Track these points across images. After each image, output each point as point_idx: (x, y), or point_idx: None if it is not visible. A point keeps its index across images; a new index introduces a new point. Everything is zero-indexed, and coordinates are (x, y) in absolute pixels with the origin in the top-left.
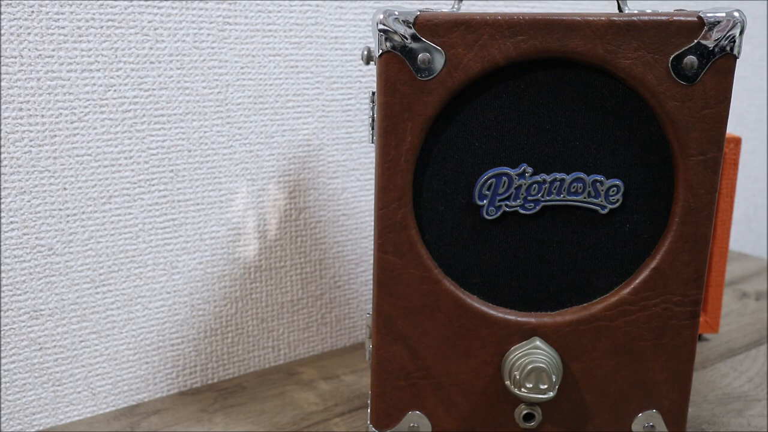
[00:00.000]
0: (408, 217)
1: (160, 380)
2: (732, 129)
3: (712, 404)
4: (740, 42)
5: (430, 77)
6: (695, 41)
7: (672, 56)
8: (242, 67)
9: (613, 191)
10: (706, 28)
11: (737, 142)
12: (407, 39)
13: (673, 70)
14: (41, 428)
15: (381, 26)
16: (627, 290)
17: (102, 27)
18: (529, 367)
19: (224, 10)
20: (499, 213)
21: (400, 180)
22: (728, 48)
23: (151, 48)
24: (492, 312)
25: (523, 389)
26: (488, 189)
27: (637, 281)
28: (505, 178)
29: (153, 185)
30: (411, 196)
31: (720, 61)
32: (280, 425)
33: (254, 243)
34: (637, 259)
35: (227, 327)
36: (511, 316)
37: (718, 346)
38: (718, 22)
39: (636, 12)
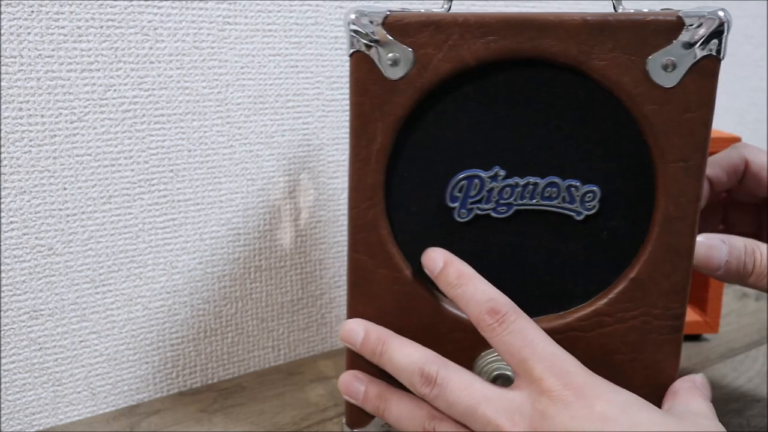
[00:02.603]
0: (379, 217)
1: (159, 380)
2: (732, 129)
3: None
4: (724, 43)
5: (400, 77)
6: (674, 42)
7: (649, 57)
8: (242, 67)
9: (588, 197)
10: (686, 28)
11: (737, 142)
12: (377, 39)
13: (654, 71)
14: (41, 428)
15: (352, 26)
16: (603, 301)
17: (102, 27)
18: (495, 373)
19: (224, 10)
20: (471, 216)
21: (370, 180)
22: (710, 49)
23: (151, 48)
24: (464, 316)
25: None
26: (460, 191)
27: (615, 292)
28: (476, 181)
29: (153, 185)
30: (383, 195)
31: (701, 63)
32: (280, 425)
33: (254, 243)
34: (615, 268)
35: (227, 327)
36: None
37: (718, 346)
38: (700, 22)
39: (612, 12)
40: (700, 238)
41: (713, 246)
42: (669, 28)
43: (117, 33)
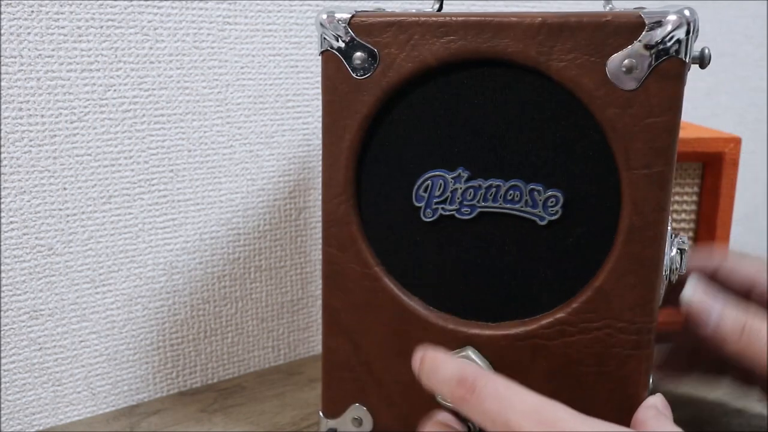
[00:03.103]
0: (350, 212)
1: (159, 380)
2: (732, 129)
3: (712, 405)
4: (689, 44)
5: (366, 76)
6: (635, 43)
7: (609, 59)
8: (242, 67)
9: (551, 202)
10: (646, 28)
11: (737, 142)
12: (344, 38)
13: (615, 73)
14: (41, 428)
15: (320, 26)
16: (567, 310)
17: (102, 27)
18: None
19: (224, 10)
20: (436, 216)
21: (341, 176)
22: (673, 51)
23: (151, 48)
24: (430, 316)
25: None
26: (425, 191)
27: (579, 301)
28: (441, 181)
29: (153, 185)
30: (353, 192)
31: (664, 66)
32: (280, 425)
33: (254, 243)
34: (581, 276)
35: (227, 327)
36: (448, 322)
37: None
38: (661, 22)
39: (574, 12)
40: (691, 291)
41: (703, 308)
42: (629, 28)
43: (117, 33)
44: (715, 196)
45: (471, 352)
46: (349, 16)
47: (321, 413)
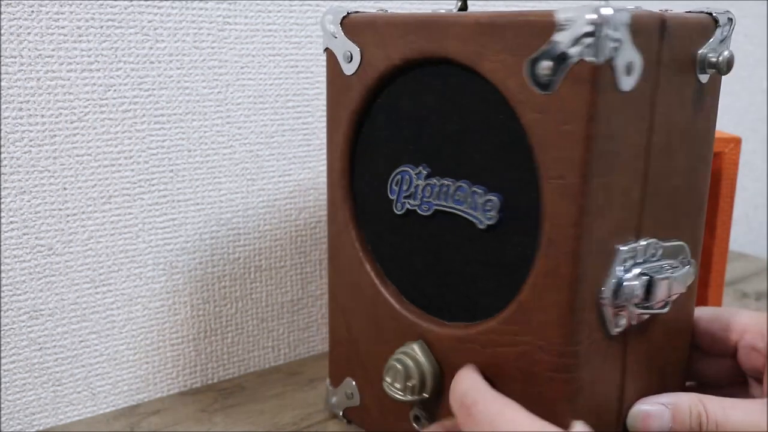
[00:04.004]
0: (345, 198)
1: (160, 380)
2: (732, 129)
3: None
4: (602, 46)
5: (353, 73)
6: (549, 43)
7: (528, 60)
8: (242, 67)
9: (489, 206)
10: (557, 28)
11: (737, 142)
12: (337, 37)
13: (531, 75)
14: (41, 428)
15: (323, 24)
16: (498, 319)
17: (102, 27)
18: (390, 363)
19: (224, 10)
20: (404, 210)
21: (338, 164)
22: (584, 53)
23: (150, 48)
24: (398, 306)
25: (385, 383)
26: (396, 185)
27: (507, 312)
28: (407, 176)
29: (153, 185)
30: (347, 180)
31: (575, 69)
32: (280, 425)
33: (254, 243)
34: (514, 286)
35: (227, 327)
36: (411, 314)
37: None
38: (571, 23)
39: (504, 11)
40: (639, 405)
41: (651, 414)
42: (543, 28)
43: (117, 33)
44: (715, 196)
45: (416, 346)
46: (342, 15)
47: (328, 379)
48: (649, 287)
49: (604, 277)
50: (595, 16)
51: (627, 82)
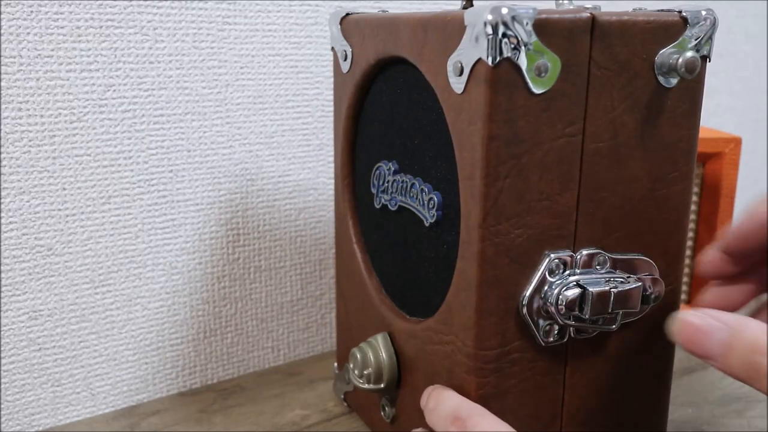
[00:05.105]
0: (345, 190)
1: (159, 381)
2: (732, 129)
3: (712, 405)
4: (495, 46)
5: (347, 71)
6: (461, 42)
7: (449, 60)
8: (242, 67)
9: (431, 204)
10: (467, 27)
11: (737, 142)
12: (336, 36)
13: (450, 76)
14: (41, 428)
15: (329, 24)
16: (434, 318)
17: (101, 27)
18: (352, 351)
19: (224, 10)
20: (380, 204)
21: (342, 157)
22: (482, 54)
23: (150, 48)
24: (376, 298)
25: (348, 369)
26: (376, 179)
27: (439, 311)
28: (382, 172)
29: (152, 185)
30: (348, 172)
31: (475, 69)
32: (280, 425)
33: (254, 243)
34: (449, 285)
35: (227, 327)
36: (383, 307)
37: None
38: (471, 23)
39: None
40: (684, 314)
41: (700, 328)
42: (456, 27)
43: (117, 33)
44: (715, 197)
45: (380, 337)
46: (342, 15)
47: (335, 366)
48: (582, 299)
49: (525, 283)
50: (491, 17)
51: (539, 84)
